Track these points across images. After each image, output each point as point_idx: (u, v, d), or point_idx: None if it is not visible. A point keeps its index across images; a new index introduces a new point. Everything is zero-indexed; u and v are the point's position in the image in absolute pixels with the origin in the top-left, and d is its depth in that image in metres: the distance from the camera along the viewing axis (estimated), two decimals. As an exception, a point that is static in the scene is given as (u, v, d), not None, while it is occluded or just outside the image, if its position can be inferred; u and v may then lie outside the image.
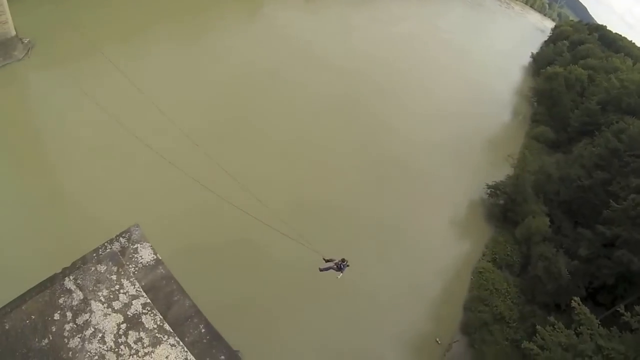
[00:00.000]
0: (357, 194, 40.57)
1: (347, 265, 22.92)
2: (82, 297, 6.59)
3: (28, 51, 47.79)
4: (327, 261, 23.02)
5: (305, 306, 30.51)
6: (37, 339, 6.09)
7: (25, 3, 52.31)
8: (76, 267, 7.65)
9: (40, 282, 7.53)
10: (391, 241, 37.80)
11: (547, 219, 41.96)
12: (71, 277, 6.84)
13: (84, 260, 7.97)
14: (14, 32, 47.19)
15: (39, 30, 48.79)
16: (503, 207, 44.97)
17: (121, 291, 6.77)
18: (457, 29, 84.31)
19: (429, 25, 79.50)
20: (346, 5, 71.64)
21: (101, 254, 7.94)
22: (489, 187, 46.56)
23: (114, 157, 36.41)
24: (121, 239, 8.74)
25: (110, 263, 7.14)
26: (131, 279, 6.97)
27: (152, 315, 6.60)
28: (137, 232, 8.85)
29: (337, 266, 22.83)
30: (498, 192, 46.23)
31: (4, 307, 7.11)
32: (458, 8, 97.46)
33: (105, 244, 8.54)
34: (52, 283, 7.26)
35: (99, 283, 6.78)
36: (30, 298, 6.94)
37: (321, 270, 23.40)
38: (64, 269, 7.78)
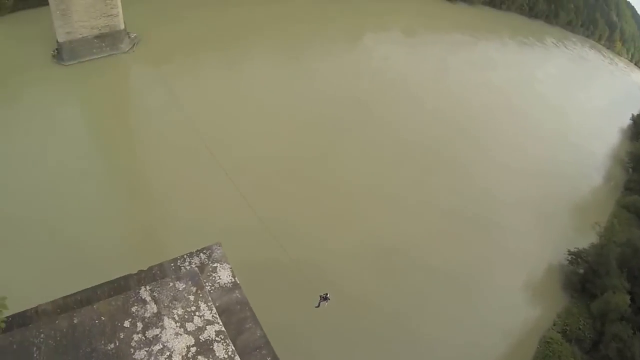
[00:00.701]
0: (428, 240, 40.46)
1: (328, 299, 26.68)
2: (155, 311, 6.35)
3: (133, 45, 52.42)
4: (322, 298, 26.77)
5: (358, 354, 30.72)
6: (103, 342, 5.88)
7: (137, 1, 56.95)
8: (153, 277, 7.47)
9: (114, 280, 7.31)
10: (457, 294, 37.32)
11: (628, 297, 39.83)
12: (147, 288, 6.59)
13: (161, 269, 7.72)
14: (122, 26, 51.97)
15: (146, 28, 53.15)
16: (582, 277, 43.03)
17: (197, 313, 6.46)
18: (555, 81, 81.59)
19: (526, 74, 77.58)
20: (445, 45, 71.74)
21: (181, 271, 7.71)
22: (570, 253, 44.67)
23: (187, 160, 39.01)
24: (202, 254, 8.39)
25: (190, 282, 6.82)
26: (208, 303, 6.68)
27: (224, 344, 6.26)
28: (218, 251, 8.51)
29: (322, 298, 26.67)
30: (579, 260, 44.27)
31: (75, 294, 7.00)
32: (559, 59, 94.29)
33: (185, 256, 8.22)
34: (126, 284, 7.21)
35: (175, 300, 6.50)
36: (102, 294, 6.94)
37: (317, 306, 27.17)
38: (140, 272, 7.59)
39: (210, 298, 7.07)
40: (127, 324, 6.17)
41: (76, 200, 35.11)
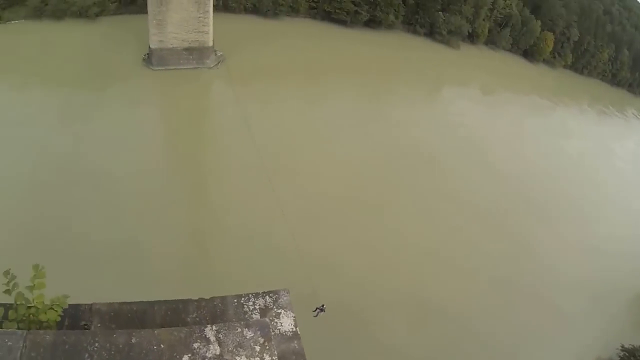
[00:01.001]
0: (475, 304, 38.82)
1: (324, 310, 29.57)
2: (218, 353, 6.00)
3: (218, 63, 54.67)
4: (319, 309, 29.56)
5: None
6: (158, 371, 5.80)
7: (228, 22, 59.55)
8: (214, 309, 7.44)
9: (173, 301, 7.18)
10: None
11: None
12: (213, 328, 6.27)
13: (224, 303, 7.59)
14: (211, 43, 54.50)
15: (233, 48, 55.36)
16: (633, 378, 39.82)
17: (259, 365, 6.42)
18: (633, 158, 77.72)
19: (604, 147, 74.25)
20: (522, 106, 70.14)
21: (244, 309, 7.66)
22: (623, 349, 41.41)
23: (245, 181, 39.64)
24: (268, 297, 8.16)
25: (259, 332, 6.47)
26: (273, 357, 6.24)
27: (280, 396, 5.64)
28: (285, 298, 8.23)
29: (318, 309, 29.54)
30: (632, 358, 41.06)
31: (131, 303, 6.94)
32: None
33: (250, 295, 8.00)
34: (184, 308, 7.18)
35: (240, 347, 6.14)
36: (158, 311, 6.94)
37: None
38: (200, 300, 7.47)
39: (275, 352, 6.53)
40: (185, 358, 5.80)
41: (138, 199, 36.88)
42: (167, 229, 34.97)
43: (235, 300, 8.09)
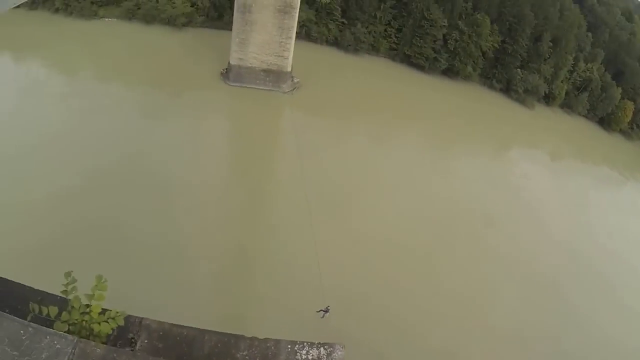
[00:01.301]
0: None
1: (328, 311, 30.27)
2: None
3: (293, 89, 55.60)
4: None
5: None
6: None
7: (308, 51, 60.62)
8: (265, 350, 7.35)
9: (225, 334, 7.22)
10: None
11: None
12: None
13: (277, 346, 7.50)
14: (289, 69, 55.55)
15: (309, 76, 56.13)
16: None
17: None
18: None
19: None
20: (590, 177, 67.10)
21: (296, 356, 7.49)
22: None
23: (287, 211, 39.52)
24: (322, 349, 8.06)
25: None
26: None
27: None
28: (339, 353, 8.15)
29: (324, 311, 30.25)
30: None
31: (182, 327, 6.92)
32: None
33: (305, 344, 7.98)
34: (235, 344, 7.02)
35: None
36: (208, 341, 6.83)
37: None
38: (253, 339, 7.45)
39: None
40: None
41: (190, 206, 37.75)
42: (212, 237, 35.67)
43: (289, 346, 8.01)
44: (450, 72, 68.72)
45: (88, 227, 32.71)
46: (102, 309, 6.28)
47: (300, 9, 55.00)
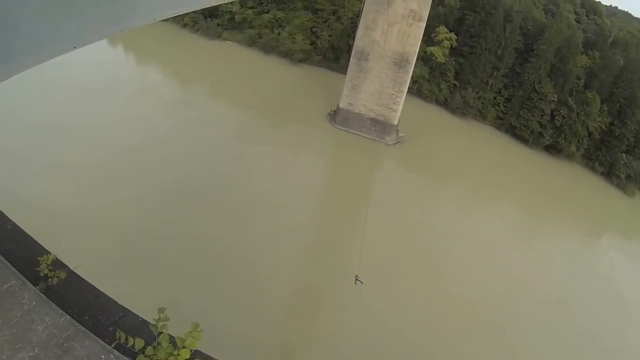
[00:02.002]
0: None
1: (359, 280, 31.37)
2: None
3: (397, 143, 56.32)
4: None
5: None
6: None
7: (417, 107, 61.51)
8: None
9: None
10: None
11: None
12: None
13: None
14: (396, 122, 56.54)
15: (415, 133, 56.75)
16: None
17: None
18: None
19: None
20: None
21: None
22: None
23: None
24: None
25: None
26: None
27: None
28: None
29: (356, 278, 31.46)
30: None
31: None
32: None
33: None
34: None
35: None
36: None
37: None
38: None
39: None
40: None
41: (273, 233, 38.79)
42: (286, 263, 36.49)
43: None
44: (552, 149, 67.39)
45: (169, 235, 34.68)
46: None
47: (415, 64, 56.24)
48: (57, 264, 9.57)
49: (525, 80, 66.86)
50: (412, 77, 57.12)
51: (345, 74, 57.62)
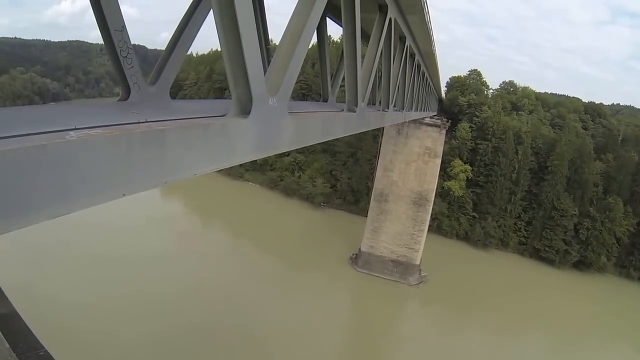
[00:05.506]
0: None
1: None
2: None
3: (420, 283, 55.49)
4: None
5: None
6: None
7: (438, 244, 61.73)
8: None
9: None
10: None
11: None
12: None
13: None
14: (418, 262, 56.14)
15: (438, 271, 56.09)
16: None
17: None
18: None
19: None
20: None
21: None
22: None
23: None
24: None
25: None
26: None
27: None
28: None
29: None
30: None
31: None
32: None
33: None
34: None
35: None
36: None
37: None
38: None
39: None
40: None
41: None
42: None
43: None
44: (582, 265, 64.79)
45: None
46: None
47: (433, 201, 57.56)
48: None
49: (543, 200, 67.02)
50: (431, 214, 57.96)
51: (365, 216, 58.79)
